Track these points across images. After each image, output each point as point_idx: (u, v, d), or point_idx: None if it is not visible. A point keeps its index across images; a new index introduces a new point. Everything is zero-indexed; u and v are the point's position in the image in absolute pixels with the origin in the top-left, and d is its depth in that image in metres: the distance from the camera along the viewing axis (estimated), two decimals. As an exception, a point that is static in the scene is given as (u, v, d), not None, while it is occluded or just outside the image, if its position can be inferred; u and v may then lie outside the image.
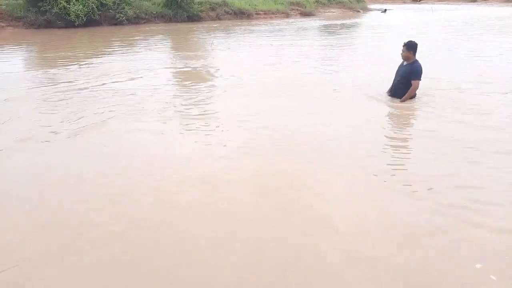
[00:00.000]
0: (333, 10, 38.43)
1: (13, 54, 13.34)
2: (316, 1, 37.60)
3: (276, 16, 31.77)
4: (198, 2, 27.74)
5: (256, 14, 30.73)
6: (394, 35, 17.53)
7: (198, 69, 9.94)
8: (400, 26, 22.68)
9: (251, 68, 9.44)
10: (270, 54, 12.27)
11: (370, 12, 40.67)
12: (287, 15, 32.73)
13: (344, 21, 27.03)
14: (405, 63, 6.11)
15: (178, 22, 25.68)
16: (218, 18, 28.50)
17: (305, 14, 33.78)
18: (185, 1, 25.60)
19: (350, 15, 35.17)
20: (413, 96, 6.17)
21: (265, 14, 31.44)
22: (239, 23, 25.77)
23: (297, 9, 34.35)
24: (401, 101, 6.07)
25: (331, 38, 17.41)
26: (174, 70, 9.58)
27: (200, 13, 27.44)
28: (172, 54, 13.01)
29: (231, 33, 19.83)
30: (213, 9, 28.95)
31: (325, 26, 23.67)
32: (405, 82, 6.06)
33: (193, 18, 26.67)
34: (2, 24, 21.43)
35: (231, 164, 4.05)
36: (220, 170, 3.89)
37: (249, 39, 16.93)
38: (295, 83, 7.82)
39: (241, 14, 29.84)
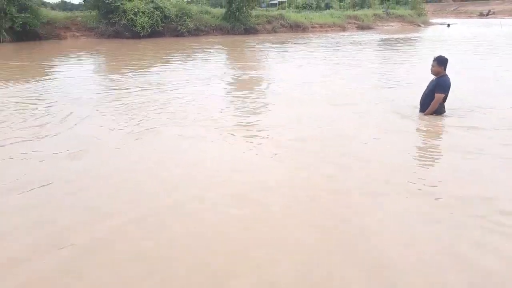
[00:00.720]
0: (392, 24, 37.38)
1: (85, 60, 14.57)
2: (374, 15, 36.85)
3: (332, 30, 31.57)
4: (255, 15, 28.45)
5: (311, 27, 30.77)
6: (459, 50, 16.58)
7: (252, 79, 10.11)
8: (467, 40, 21.39)
9: (304, 80, 9.39)
10: (324, 66, 12.17)
11: (432, 26, 38.94)
12: (344, 29, 32.38)
13: (404, 35, 26.11)
14: (434, 78, 5.95)
15: (235, 34, 26.47)
16: (274, 31, 28.95)
17: (363, 28, 33.20)
18: (242, 14, 26.36)
19: (410, 29, 33.89)
20: (440, 112, 5.92)
21: (320, 27, 31.38)
22: (294, 36, 25.94)
23: (354, 23, 33.87)
24: (424, 114, 5.88)
25: (389, 52, 16.88)
26: (229, 80, 9.82)
27: (256, 26, 28.08)
28: (228, 65, 13.38)
29: (286, 45, 19.99)
30: (269, 22, 29.50)
31: (383, 40, 23.03)
32: (432, 96, 5.87)
33: (249, 30, 27.34)
34: (77, 34, 23.55)
35: (280, 172, 4.04)
36: (269, 179, 3.88)
37: (304, 51, 16.94)
38: (348, 97, 7.65)
39: (297, 27, 30.06)
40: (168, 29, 24.69)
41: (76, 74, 11.00)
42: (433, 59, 5.79)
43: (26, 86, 8.94)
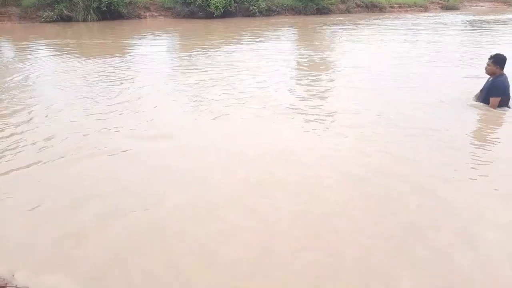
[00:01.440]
0: (481, 4, 33.64)
1: (161, 39, 15.23)
2: (461, -7, 33.44)
3: (412, 10, 29.30)
4: (328, -5, 27.35)
5: (390, 7, 28.85)
6: None
7: (323, 61, 9.77)
8: None
9: (377, 63, 8.86)
10: (401, 50, 11.32)
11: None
12: (426, 9, 29.89)
13: (496, 17, 23.33)
14: (490, 78, 5.32)
15: (307, 15, 25.77)
16: (348, 11, 27.64)
17: (447, 8, 30.34)
18: (316, -6, 25.51)
19: (504, 10, 30.18)
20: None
21: (399, 7, 29.29)
22: (370, 17, 24.51)
23: (438, 2, 31.07)
24: None
25: (477, 34, 15.19)
26: (299, 61, 9.59)
27: (330, 6, 27.03)
28: (299, 45, 13.08)
29: (361, 26, 18.97)
30: (343, 1, 28.20)
31: (471, 22, 20.80)
32: (487, 99, 5.32)
33: (322, 11, 26.43)
34: (156, 14, 24.63)
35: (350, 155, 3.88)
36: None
37: (381, 33, 15.94)
38: (421, 83, 7.02)
39: (373, 7, 28.36)
40: (240, 9, 24.74)
41: (153, 50, 11.58)
42: (489, 57, 5.23)
43: (111, 61, 9.58)
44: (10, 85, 7.28)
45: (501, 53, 5.21)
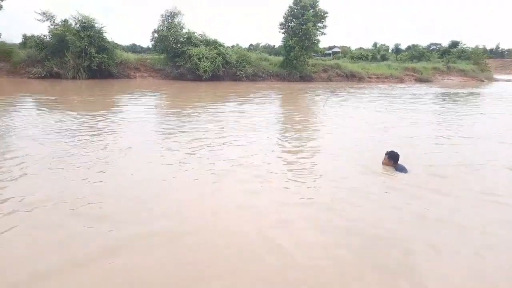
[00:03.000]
0: (452, 78, 36.26)
1: (150, 98, 15.47)
2: (434, 68, 36.11)
3: (388, 81, 31.25)
4: (311, 64, 29.04)
5: (368, 77, 30.74)
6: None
7: (309, 122, 10.08)
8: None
9: (357, 125, 9.18)
10: (378, 115, 11.85)
11: (496, 82, 37.12)
12: (401, 80, 31.96)
13: (465, 90, 25.07)
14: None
15: (291, 81, 27.05)
16: (329, 79, 29.25)
17: (421, 81, 32.52)
18: (300, 62, 27.04)
19: (472, 84, 32.55)
20: None
21: (377, 78, 31.23)
22: (350, 85, 25.90)
23: (413, 75, 33.35)
24: None
25: (448, 105, 16.15)
26: (285, 123, 9.80)
27: (312, 74, 28.57)
28: (284, 108, 13.49)
29: (343, 94, 19.91)
30: (325, 71, 29.93)
31: (443, 94, 22.21)
32: None
33: (305, 78, 27.86)
34: (145, 75, 25.39)
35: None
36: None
37: (360, 100, 16.72)
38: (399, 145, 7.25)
39: (353, 77, 30.16)
40: (228, 73, 25.84)
41: (139, 109, 11.70)
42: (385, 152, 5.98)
43: (96, 117, 9.55)
44: None
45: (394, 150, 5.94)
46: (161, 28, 25.27)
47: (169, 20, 25.35)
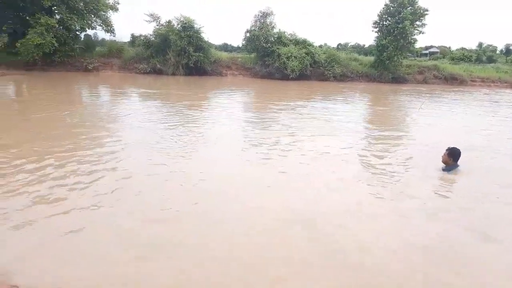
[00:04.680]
0: None
1: (238, 95, 16.19)
2: (555, 72, 31.25)
3: (496, 85, 27.91)
4: (406, 65, 27.37)
5: (471, 81, 27.85)
6: None
7: (400, 121, 9.55)
8: None
9: (451, 137, 8.35)
10: (481, 125, 10.59)
11: None
12: (512, 85, 28.31)
13: None
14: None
15: (381, 82, 25.84)
16: (425, 81, 27.20)
17: (537, 85, 28.37)
18: (393, 63, 25.64)
19: None
20: None
21: (482, 81, 28.11)
22: (449, 89, 23.76)
23: (527, 79, 29.27)
24: None
25: None
26: (374, 122, 9.43)
27: (406, 76, 26.91)
28: (376, 109, 12.99)
29: (441, 98, 18.39)
30: (421, 72, 27.93)
31: None
32: None
33: (398, 79, 26.34)
34: (236, 73, 26.54)
35: None
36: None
37: (463, 106, 15.26)
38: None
39: (453, 80, 27.59)
40: (315, 73, 25.70)
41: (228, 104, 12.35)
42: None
43: (190, 108, 10.34)
44: (101, 118, 8.37)
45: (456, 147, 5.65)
46: (253, 28, 26.10)
47: (261, 20, 26.05)
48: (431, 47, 65.08)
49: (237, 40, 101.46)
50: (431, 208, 4.35)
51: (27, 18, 21.01)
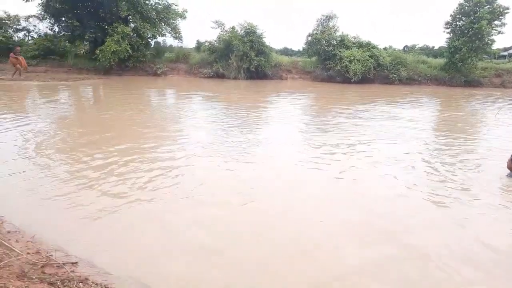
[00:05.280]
0: None
1: (300, 98, 16.15)
2: None
3: None
4: (481, 68, 25.30)
5: (562, 84, 24.91)
6: None
7: (473, 130, 8.84)
8: None
9: None
10: None
11: None
12: None
13: None
14: None
15: (453, 86, 24.15)
16: (503, 85, 24.92)
17: None
18: (466, 66, 23.82)
19: None
20: None
21: None
22: (533, 93, 21.44)
23: None
24: None
25: None
26: (443, 130, 8.83)
27: (481, 79, 24.86)
28: (446, 114, 12.15)
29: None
30: (498, 75, 25.63)
31: None
32: None
33: (471, 83, 24.43)
34: (296, 76, 26.56)
35: None
36: None
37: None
38: None
39: (539, 83, 24.95)
40: (379, 76, 24.78)
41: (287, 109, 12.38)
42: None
43: (247, 111, 10.56)
44: (163, 117, 8.96)
45: None
46: (315, 31, 25.92)
47: (324, 24, 25.80)
48: (511, 48, 59.25)
49: (297, 44, 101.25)
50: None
51: (106, 27, 23.04)
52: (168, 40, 30.71)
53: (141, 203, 4.12)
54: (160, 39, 27.95)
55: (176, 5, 25.84)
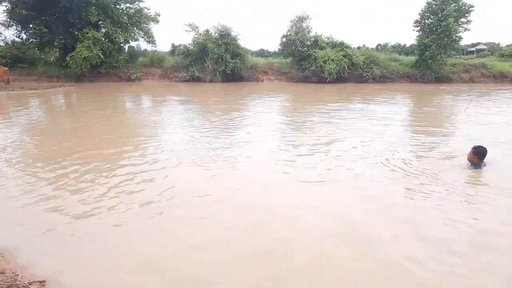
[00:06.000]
0: None
1: (275, 99, 16.19)
2: None
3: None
4: (450, 64, 26.12)
5: (525, 78, 26.03)
6: None
7: (446, 125, 9.09)
8: None
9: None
10: None
11: None
12: None
13: None
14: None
15: (424, 82, 24.83)
16: (471, 80, 25.84)
17: None
18: (436, 62, 24.56)
19: None
20: None
21: (538, 78, 26.18)
22: (500, 88, 22.27)
23: None
24: None
25: None
26: (410, 128, 9.04)
27: (451, 75, 25.69)
28: (420, 110, 12.45)
29: (491, 97, 17.27)
30: (467, 71, 26.56)
31: None
32: None
33: (441, 79, 25.22)
34: (272, 78, 26.69)
35: None
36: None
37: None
38: None
39: (503, 78, 25.99)
40: (353, 75, 25.20)
41: (263, 111, 12.35)
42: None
43: (226, 114, 10.51)
44: (142, 124, 8.69)
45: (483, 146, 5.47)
46: (289, 33, 26.11)
47: (298, 25, 26.01)
48: (478, 44, 61.57)
49: (273, 45, 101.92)
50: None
51: (76, 33, 22.46)
52: (142, 44, 30.28)
53: (106, 214, 3.99)
54: (134, 43, 27.57)
55: (148, 9, 25.52)
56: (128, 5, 24.87)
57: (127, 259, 3.22)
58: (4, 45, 25.12)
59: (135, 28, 25.06)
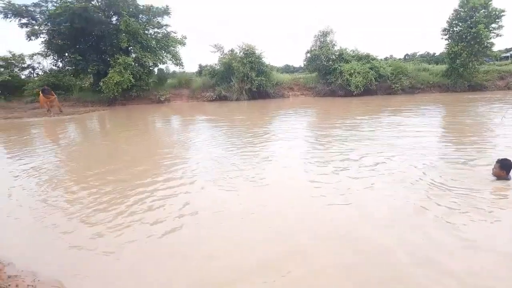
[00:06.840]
0: None
1: (301, 114, 16.09)
2: None
3: None
4: (483, 71, 25.19)
5: None
6: None
7: (481, 136, 8.63)
8: None
9: None
10: None
11: None
12: None
13: None
14: None
15: (456, 91, 24.01)
16: (507, 87, 24.73)
17: None
18: (468, 70, 23.74)
19: None
20: None
21: None
22: (539, 93, 21.14)
23: None
24: None
25: None
26: (441, 140, 8.64)
27: (485, 83, 24.72)
28: (452, 121, 11.95)
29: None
30: (502, 78, 25.48)
31: None
32: None
33: (475, 87, 24.30)
34: (298, 93, 26.70)
35: None
36: None
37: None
38: None
39: (542, 83, 24.72)
40: (381, 87, 24.78)
41: (294, 126, 12.27)
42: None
43: (251, 132, 10.50)
44: (172, 144, 8.89)
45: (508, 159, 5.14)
46: (313, 48, 26.17)
47: (321, 40, 26.05)
48: (512, 49, 59.07)
49: (298, 60, 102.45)
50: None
51: (108, 59, 23.54)
52: (171, 66, 31.31)
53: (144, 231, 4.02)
54: (162, 66, 28.52)
55: (175, 33, 26.46)
56: (156, 30, 25.93)
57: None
58: (42, 73, 26.70)
59: (163, 52, 25.93)
